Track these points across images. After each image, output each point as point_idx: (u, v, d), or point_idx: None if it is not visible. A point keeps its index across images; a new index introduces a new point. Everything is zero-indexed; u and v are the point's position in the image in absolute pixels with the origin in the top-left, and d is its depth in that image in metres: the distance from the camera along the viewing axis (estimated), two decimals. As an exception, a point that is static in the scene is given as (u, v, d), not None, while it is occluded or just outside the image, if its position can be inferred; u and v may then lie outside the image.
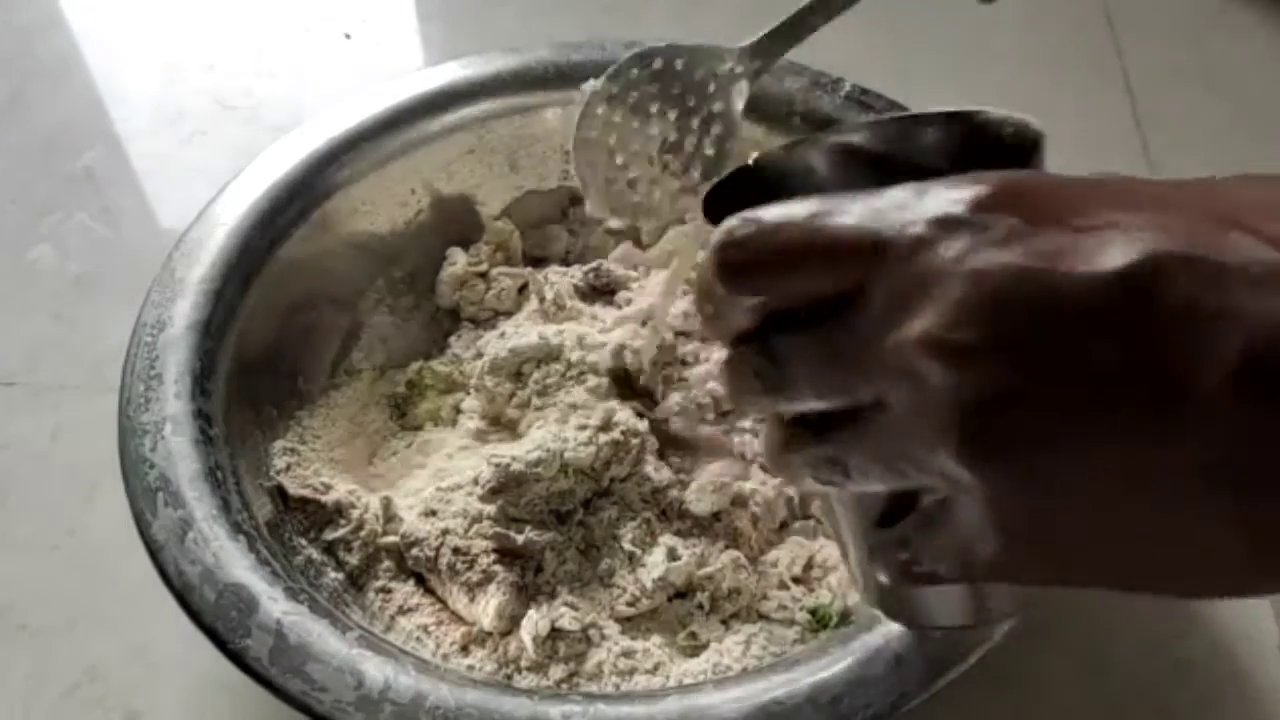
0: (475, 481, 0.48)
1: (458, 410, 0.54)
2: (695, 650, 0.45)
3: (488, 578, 0.46)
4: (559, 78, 0.59)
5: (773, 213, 0.25)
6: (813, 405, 0.25)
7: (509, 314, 0.57)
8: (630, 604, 0.46)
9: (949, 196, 0.23)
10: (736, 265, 0.25)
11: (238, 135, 0.74)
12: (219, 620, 0.40)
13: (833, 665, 0.38)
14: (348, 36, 0.81)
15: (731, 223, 0.25)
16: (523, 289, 0.57)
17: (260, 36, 0.81)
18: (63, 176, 0.71)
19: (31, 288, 0.66)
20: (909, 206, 0.23)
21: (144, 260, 0.66)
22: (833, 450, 0.25)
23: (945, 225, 0.22)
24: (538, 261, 0.60)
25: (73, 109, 0.76)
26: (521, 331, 0.53)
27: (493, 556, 0.47)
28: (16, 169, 0.72)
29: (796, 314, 0.25)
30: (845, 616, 0.46)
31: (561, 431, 0.48)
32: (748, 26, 0.78)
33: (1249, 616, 0.50)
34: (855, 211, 0.24)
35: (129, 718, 0.49)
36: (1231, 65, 0.76)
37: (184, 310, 0.48)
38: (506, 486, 0.47)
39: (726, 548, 0.47)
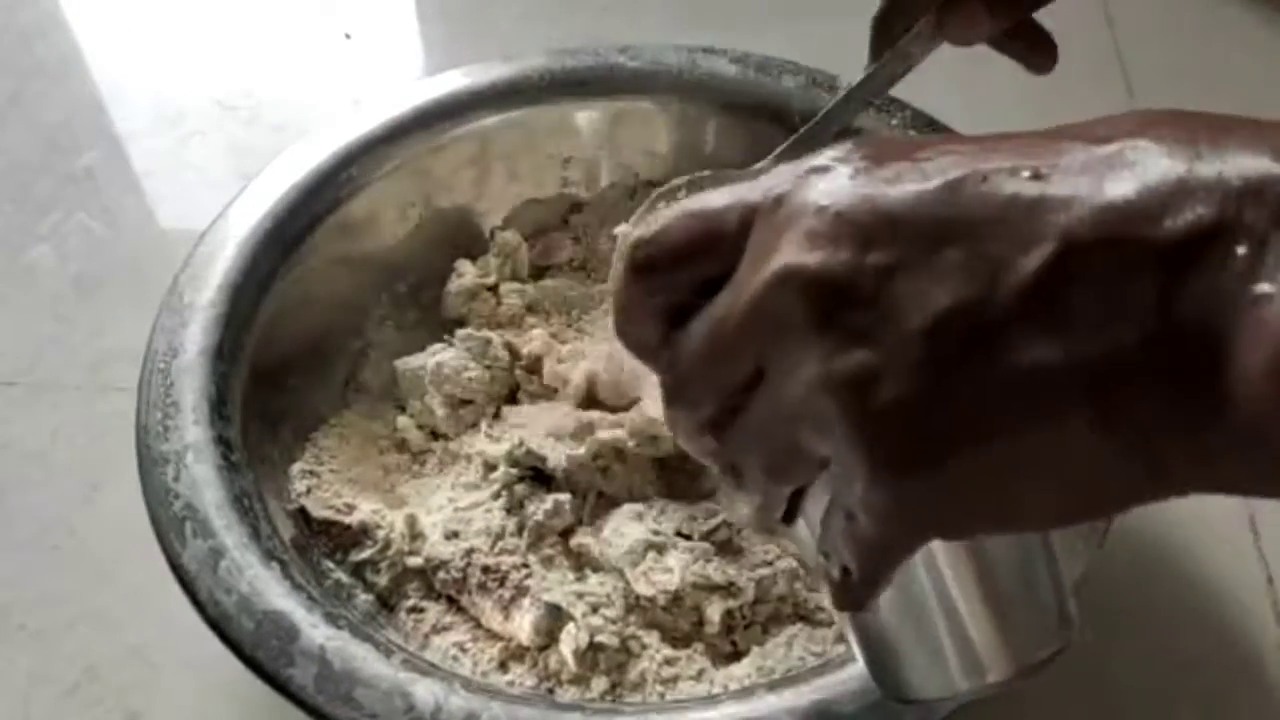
0: (494, 496, 0.49)
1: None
2: (735, 655, 0.45)
3: (521, 593, 0.46)
4: (556, 85, 0.58)
5: (669, 211, 0.26)
6: (710, 403, 0.25)
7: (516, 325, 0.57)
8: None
9: (818, 154, 0.24)
10: (640, 264, 0.26)
11: (238, 135, 0.74)
12: (260, 649, 0.39)
13: None
14: (348, 36, 0.81)
15: (637, 230, 0.26)
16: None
17: (260, 36, 0.81)
18: (63, 176, 0.71)
19: (31, 288, 0.66)
20: (781, 173, 0.24)
21: (144, 260, 0.67)
22: (720, 445, 0.26)
23: (805, 175, 0.23)
24: (544, 270, 0.60)
25: (73, 109, 0.76)
26: None
27: (524, 571, 0.46)
28: (16, 169, 0.72)
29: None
30: None
31: None
32: (745, 27, 0.78)
33: (1250, 616, 0.50)
34: (732, 189, 0.25)
35: (129, 718, 0.49)
36: (1231, 65, 0.76)
37: (195, 335, 0.48)
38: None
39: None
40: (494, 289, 0.57)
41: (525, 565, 0.47)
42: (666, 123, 0.59)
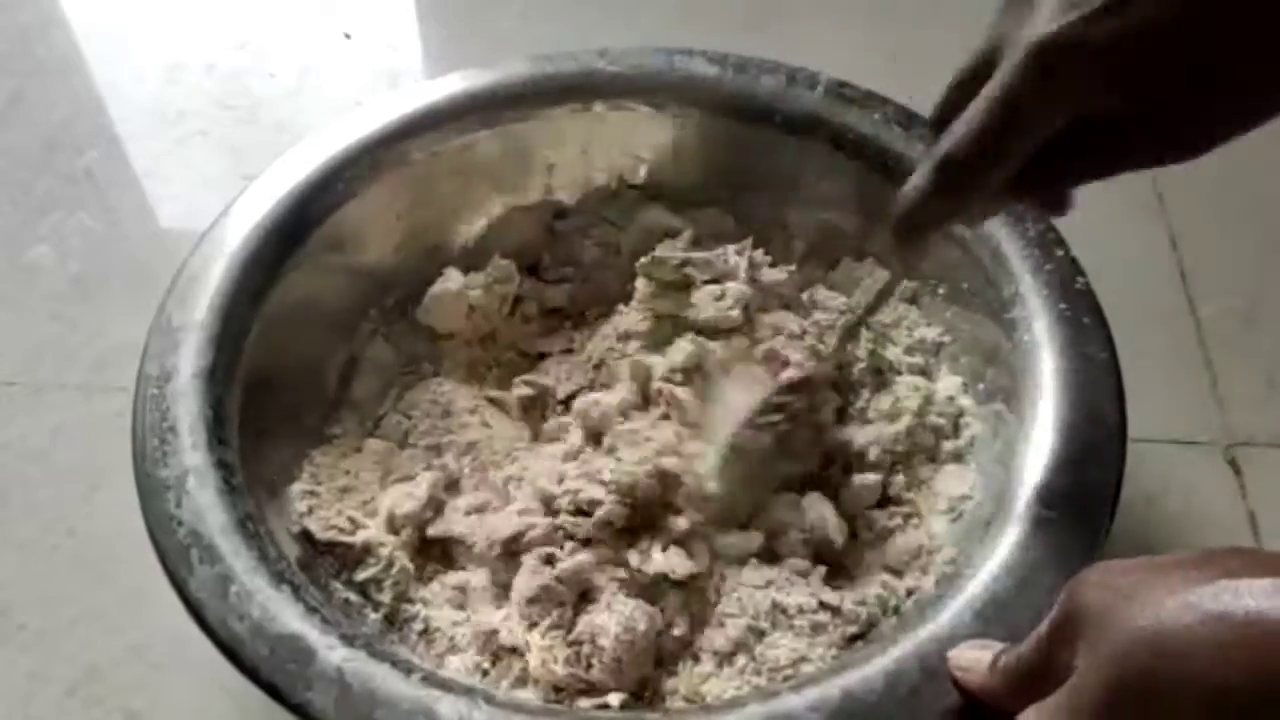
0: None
1: None
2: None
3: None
4: (536, 91, 0.58)
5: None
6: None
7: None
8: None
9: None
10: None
11: (237, 135, 0.74)
12: (277, 674, 0.38)
13: (906, 658, 0.38)
14: (348, 36, 0.81)
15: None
16: (513, 311, 0.58)
17: (260, 36, 0.81)
18: (63, 176, 0.71)
19: (31, 288, 0.66)
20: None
21: (144, 260, 0.67)
22: None
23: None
24: (531, 270, 0.60)
25: (73, 109, 0.76)
26: None
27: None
28: (16, 169, 0.72)
29: None
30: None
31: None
32: (745, 26, 0.78)
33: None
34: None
35: (129, 718, 0.49)
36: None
37: (188, 358, 0.47)
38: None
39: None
40: (471, 309, 0.57)
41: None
42: (648, 125, 0.59)
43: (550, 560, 0.45)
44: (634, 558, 0.46)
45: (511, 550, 0.47)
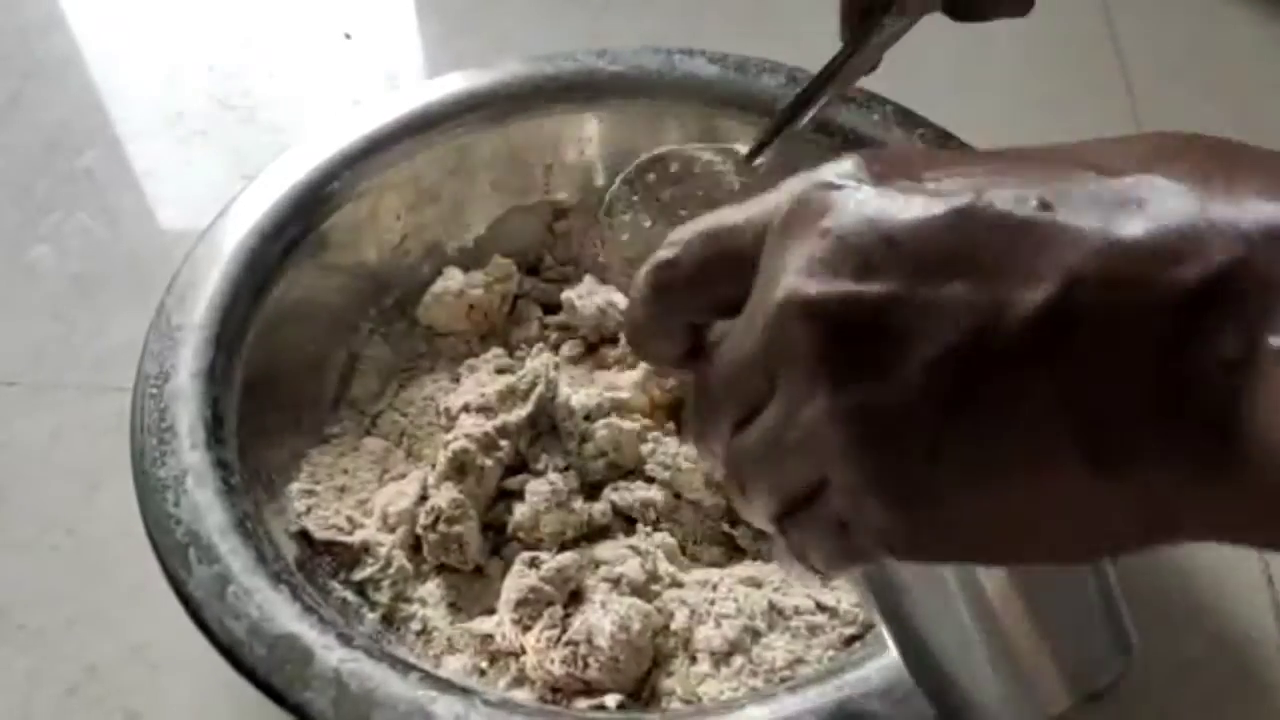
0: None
1: None
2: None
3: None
4: (535, 92, 0.58)
5: (686, 231, 0.25)
6: (729, 418, 0.25)
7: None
8: None
9: (827, 167, 0.23)
10: (660, 285, 0.26)
11: (237, 135, 0.74)
12: (274, 674, 0.38)
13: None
14: (348, 36, 0.81)
15: (661, 252, 0.26)
16: (512, 310, 0.58)
17: (260, 36, 0.81)
18: (63, 176, 0.71)
19: (31, 288, 0.66)
20: (791, 187, 0.23)
21: (144, 260, 0.67)
22: (728, 454, 0.25)
23: (813, 191, 0.23)
24: (532, 270, 0.60)
25: (73, 109, 0.76)
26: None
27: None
28: (16, 169, 0.72)
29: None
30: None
31: None
32: (746, 26, 0.78)
33: (1249, 616, 0.50)
34: (746, 206, 0.24)
35: (129, 718, 0.49)
36: (1231, 65, 0.76)
37: (186, 358, 0.47)
38: None
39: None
40: (472, 308, 0.57)
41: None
42: (648, 125, 0.59)
43: (535, 563, 0.46)
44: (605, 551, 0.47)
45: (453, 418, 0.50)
